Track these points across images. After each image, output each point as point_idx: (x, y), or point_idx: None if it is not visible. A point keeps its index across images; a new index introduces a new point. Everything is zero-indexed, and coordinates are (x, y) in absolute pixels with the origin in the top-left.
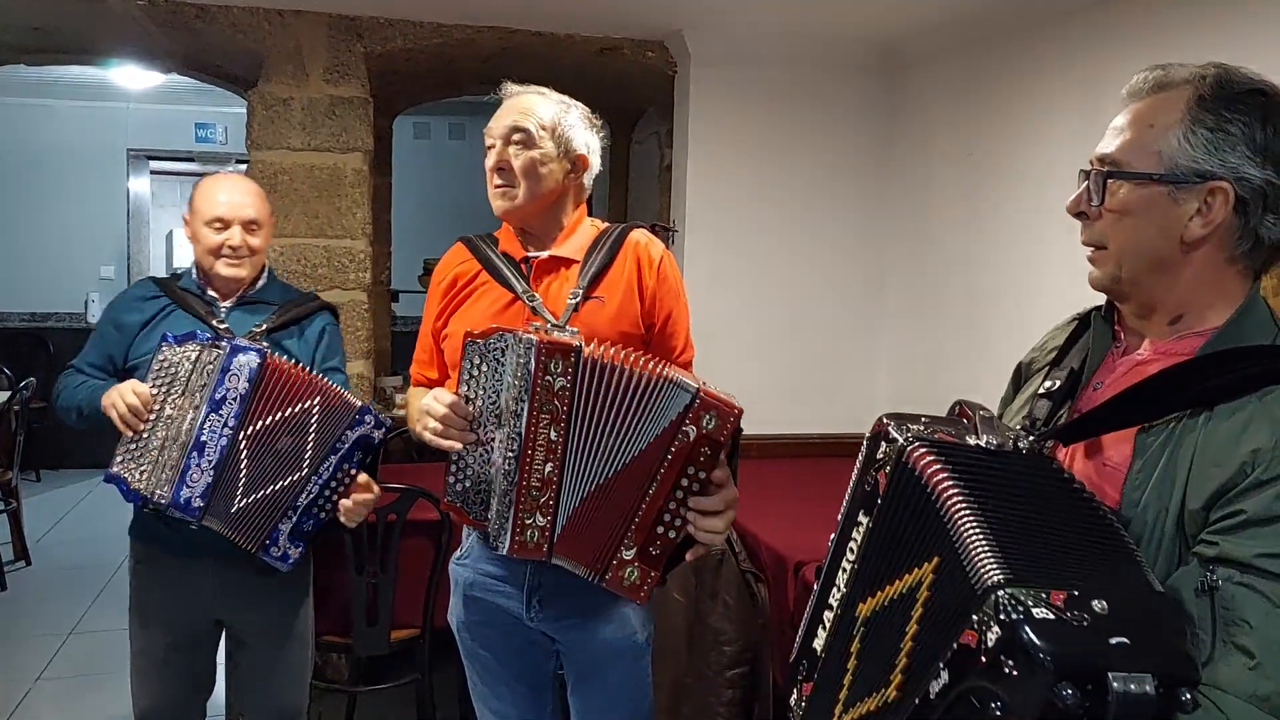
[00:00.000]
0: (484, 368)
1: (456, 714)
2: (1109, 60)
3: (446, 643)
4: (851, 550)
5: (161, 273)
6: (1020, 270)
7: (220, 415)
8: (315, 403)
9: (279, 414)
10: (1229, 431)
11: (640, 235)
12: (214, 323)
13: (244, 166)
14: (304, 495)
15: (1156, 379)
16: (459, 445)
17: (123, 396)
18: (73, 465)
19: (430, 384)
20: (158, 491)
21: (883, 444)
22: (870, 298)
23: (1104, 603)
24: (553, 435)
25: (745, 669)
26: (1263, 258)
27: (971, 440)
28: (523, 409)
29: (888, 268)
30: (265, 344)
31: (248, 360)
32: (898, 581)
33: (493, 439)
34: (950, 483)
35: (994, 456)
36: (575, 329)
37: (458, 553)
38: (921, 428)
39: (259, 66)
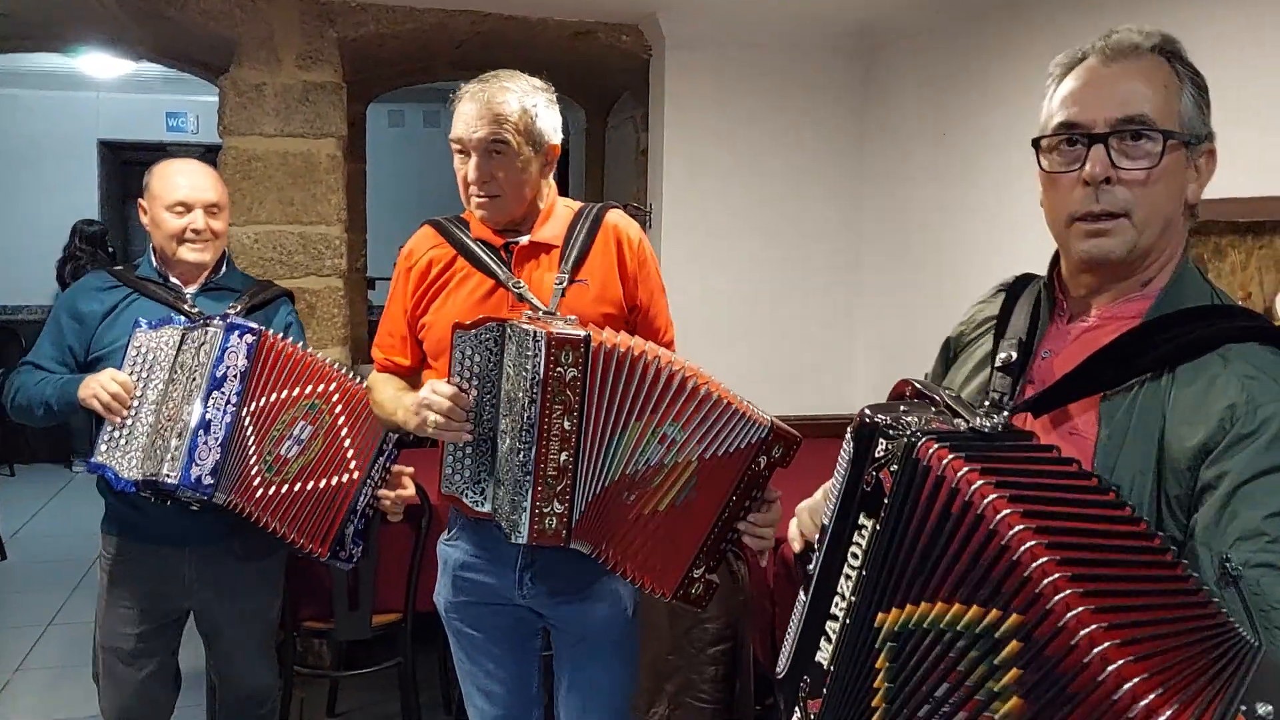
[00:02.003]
0: (476, 358)
1: (439, 697)
2: (1083, 39)
3: (428, 626)
4: (855, 555)
5: None
6: (994, 250)
7: (223, 392)
8: (330, 390)
9: (284, 393)
10: (1197, 391)
11: (617, 216)
12: (185, 307)
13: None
14: (361, 499)
15: (1119, 344)
16: (463, 438)
17: (104, 386)
18: (46, 459)
19: (399, 370)
20: (164, 473)
21: (881, 440)
22: (847, 278)
23: (1269, 706)
24: (566, 425)
25: (727, 645)
26: (1193, 222)
27: (962, 425)
28: (535, 399)
29: (864, 248)
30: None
31: (245, 337)
32: (943, 605)
33: (493, 429)
34: (997, 496)
35: (990, 440)
36: (574, 316)
37: (446, 533)
38: (916, 419)
39: (231, 52)
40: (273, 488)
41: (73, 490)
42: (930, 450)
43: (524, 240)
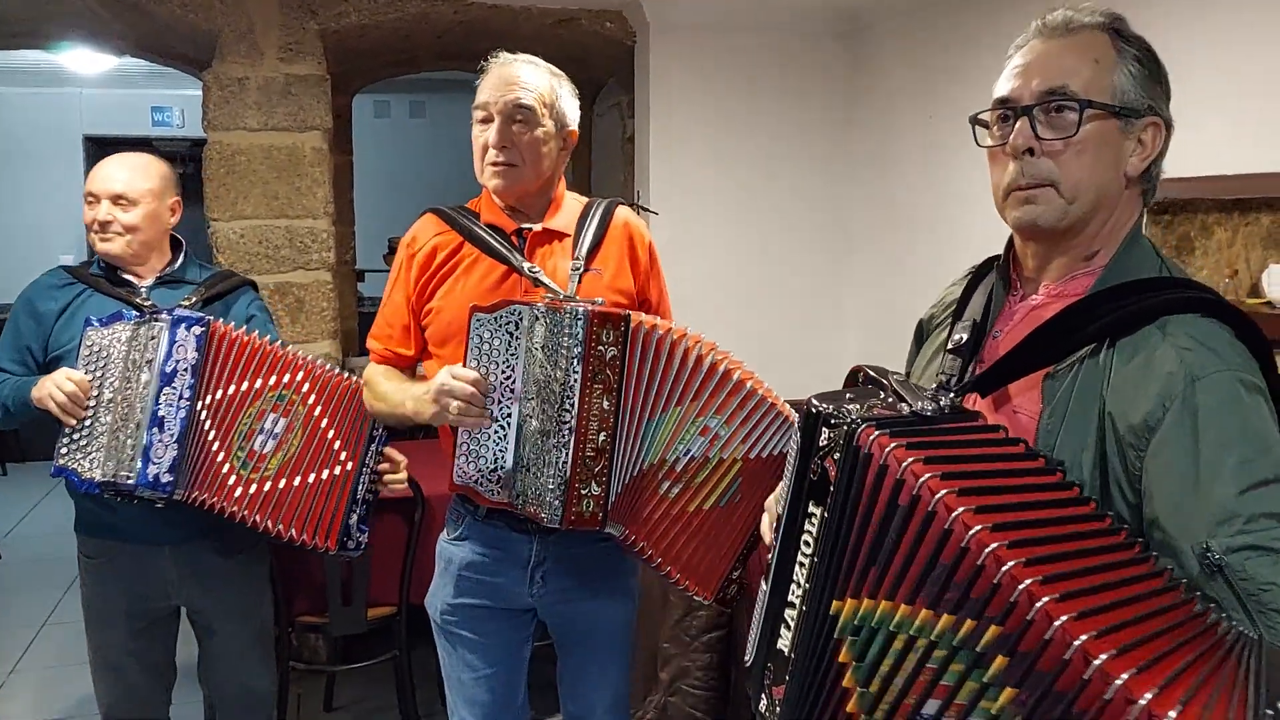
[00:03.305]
0: (495, 342)
1: (436, 690)
2: None
3: (423, 619)
4: (807, 543)
5: None
6: (983, 233)
7: (174, 388)
8: (299, 379)
9: (244, 384)
10: (1137, 365)
11: (627, 213)
12: (138, 300)
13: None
14: (360, 488)
15: (1057, 320)
16: (485, 423)
17: (59, 386)
18: (38, 458)
19: (399, 361)
20: (121, 473)
21: (823, 429)
22: (836, 262)
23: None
24: (605, 405)
25: (721, 633)
26: (1151, 197)
27: (905, 409)
28: (575, 379)
29: (852, 231)
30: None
31: (193, 329)
32: (908, 608)
33: (511, 414)
34: (948, 492)
35: (932, 423)
36: (600, 299)
37: (448, 533)
38: (858, 406)
39: (212, 46)
40: (253, 485)
41: (64, 490)
42: (871, 437)
43: (537, 227)
